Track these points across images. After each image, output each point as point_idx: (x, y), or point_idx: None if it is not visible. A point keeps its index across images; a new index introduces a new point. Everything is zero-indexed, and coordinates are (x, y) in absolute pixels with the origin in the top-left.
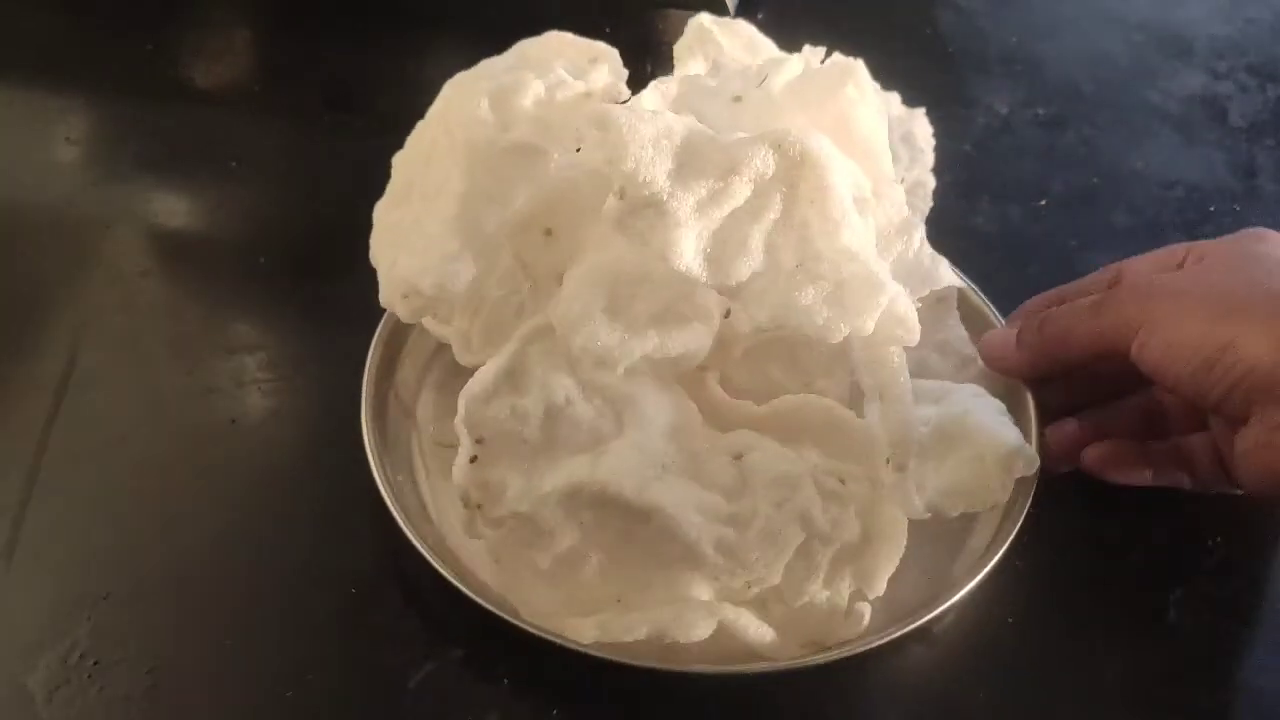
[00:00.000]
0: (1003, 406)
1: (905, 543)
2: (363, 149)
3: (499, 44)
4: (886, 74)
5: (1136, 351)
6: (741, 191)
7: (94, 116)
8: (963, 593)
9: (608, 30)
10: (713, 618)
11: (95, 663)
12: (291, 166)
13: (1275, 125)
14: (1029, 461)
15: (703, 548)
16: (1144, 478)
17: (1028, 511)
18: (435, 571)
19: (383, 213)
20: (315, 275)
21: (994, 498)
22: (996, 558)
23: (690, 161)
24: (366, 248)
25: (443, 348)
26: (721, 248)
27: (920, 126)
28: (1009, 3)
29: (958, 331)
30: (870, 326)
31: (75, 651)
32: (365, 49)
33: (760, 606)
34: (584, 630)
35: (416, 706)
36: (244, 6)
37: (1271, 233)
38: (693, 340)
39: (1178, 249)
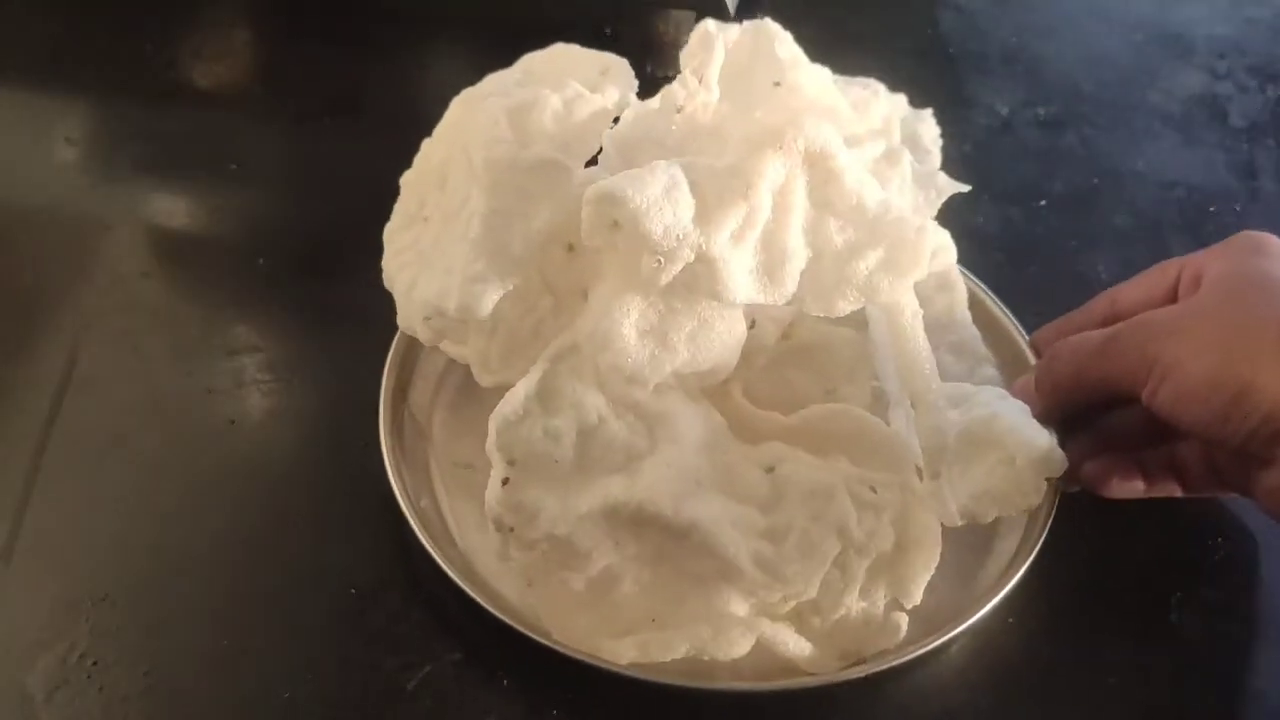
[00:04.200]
0: (1026, 408)
1: (940, 550)
2: (363, 151)
3: (500, 46)
4: (887, 74)
5: (1148, 398)
6: (765, 204)
7: (94, 116)
8: (998, 598)
9: (608, 31)
10: (751, 633)
11: (95, 663)
12: (291, 168)
13: (1275, 125)
14: (1060, 463)
15: (741, 563)
16: (1137, 490)
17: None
18: (436, 575)
19: (394, 234)
20: (314, 277)
21: (1028, 501)
22: (1028, 563)
23: (707, 196)
24: (366, 250)
25: (452, 368)
26: (767, 263)
27: (927, 128)
28: (1009, 3)
29: (970, 331)
30: (925, 268)
31: (75, 651)
32: (366, 51)
33: (796, 620)
34: (621, 651)
35: (415, 708)
36: (244, 7)
37: (1268, 239)
38: (724, 353)
39: (1169, 268)
